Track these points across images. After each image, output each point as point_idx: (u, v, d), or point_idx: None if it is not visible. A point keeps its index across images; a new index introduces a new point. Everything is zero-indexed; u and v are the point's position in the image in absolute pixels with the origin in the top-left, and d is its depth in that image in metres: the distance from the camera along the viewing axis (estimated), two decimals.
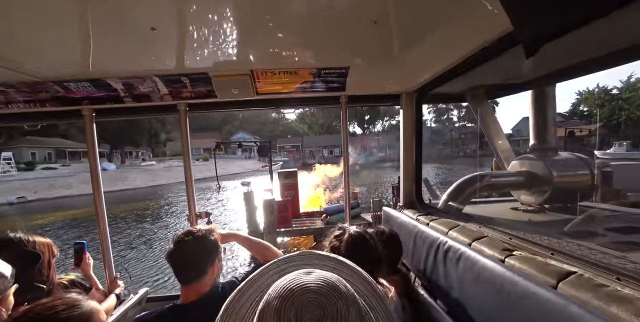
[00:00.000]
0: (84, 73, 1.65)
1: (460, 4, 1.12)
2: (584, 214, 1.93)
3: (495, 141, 2.40)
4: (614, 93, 32.58)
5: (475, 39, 1.27)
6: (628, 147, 20.76)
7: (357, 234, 1.15)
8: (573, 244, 1.22)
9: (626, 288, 0.80)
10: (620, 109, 31.17)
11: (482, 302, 1.04)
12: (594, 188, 2.00)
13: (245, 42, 1.41)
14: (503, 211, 2.19)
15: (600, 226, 1.57)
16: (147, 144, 48.39)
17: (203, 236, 1.21)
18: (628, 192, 7.06)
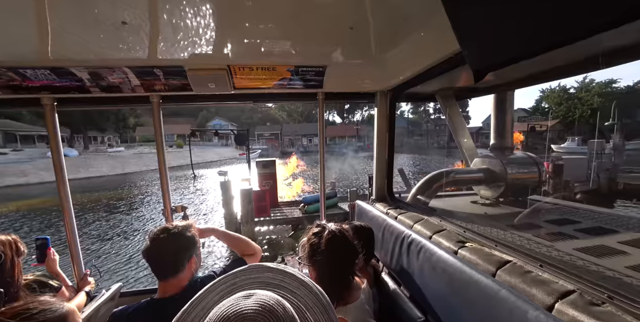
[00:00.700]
0: (43, 60, 1.54)
1: (430, 16, 1.22)
2: (531, 207, 2.18)
3: (461, 140, 2.59)
4: (571, 92, 35.29)
5: (444, 48, 1.36)
6: (579, 142, 22.85)
7: (336, 231, 1.21)
8: (515, 236, 1.41)
9: (545, 273, 0.97)
10: (574, 107, 33.97)
11: (437, 289, 1.18)
12: (540, 184, 2.26)
13: (222, 37, 1.39)
14: (464, 205, 2.41)
15: (542, 218, 1.80)
16: (115, 129, 45.07)
17: (179, 232, 1.23)
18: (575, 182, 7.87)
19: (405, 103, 63.87)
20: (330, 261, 1.17)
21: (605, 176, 10.65)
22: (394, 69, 1.89)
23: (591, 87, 33.55)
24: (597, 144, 11.83)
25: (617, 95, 30.85)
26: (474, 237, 1.32)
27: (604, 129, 24.86)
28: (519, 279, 0.96)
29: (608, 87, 32.93)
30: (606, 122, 24.63)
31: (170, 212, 2.06)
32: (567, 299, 0.83)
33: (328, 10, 1.15)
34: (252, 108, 60.54)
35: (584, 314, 0.77)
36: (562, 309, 0.81)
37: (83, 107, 2.14)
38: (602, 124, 27.62)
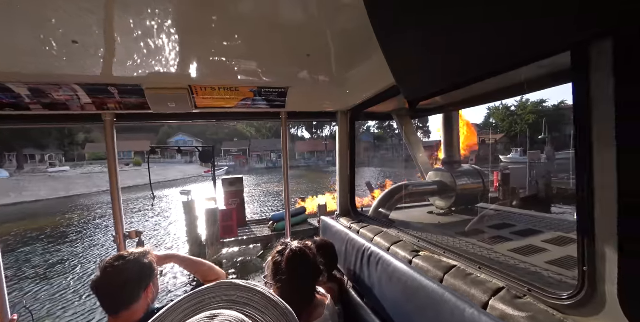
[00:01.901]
0: None
1: (377, 47, 1.36)
2: (480, 214, 2.42)
3: (416, 155, 2.82)
4: (512, 109, 40.20)
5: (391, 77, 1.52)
6: (521, 153, 25.78)
7: (297, 250, 1.24)
8: (462, 242, 1.56)
9: (483, 274, 1.10)
10: (515, 123, 38.66)
11: (394, 298, 1.25)
12: (485, 193, 2.53)
13: (183, 56, 1.41)
14: (421, 215, 2.59)
15: (487, 224, 2.01)
16: (58, 146, 40.39)
17: (135, 259, 1.16)
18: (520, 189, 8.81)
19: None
20: (291, 279, 1.20)
21: (543, 183, 12.08)
22: (353, 91, 2.04)
23: (527, 105, 38.57)
24: (535, 155, 13.49)
25: (546, 113, 35.79)
26: (427, 246, 1.43)
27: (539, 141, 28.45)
28: (462, 282, 1.08)
29: (539, 105, 38.09)
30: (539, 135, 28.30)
31: (123, 239, 1.91)
32: (498, 296, 0.95)
33: (288, 36, 1.24)
34: (219, 123, 58.95)
35: (510, 307, 0.89)
36: (494, 305, 0.93)
37: (21, 125, 1.97)
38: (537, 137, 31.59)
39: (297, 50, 1.41)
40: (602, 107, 0.69)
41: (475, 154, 15.50)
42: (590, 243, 0.75)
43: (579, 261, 0.79)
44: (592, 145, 0.72)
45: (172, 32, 1.12)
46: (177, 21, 1.04)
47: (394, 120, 2.85)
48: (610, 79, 0.66)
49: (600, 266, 0.74)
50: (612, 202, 0.70)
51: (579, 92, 0.73)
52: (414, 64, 0.89)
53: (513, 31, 0.66)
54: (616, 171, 0.68)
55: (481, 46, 0.76)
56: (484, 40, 0.73)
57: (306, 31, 1.20)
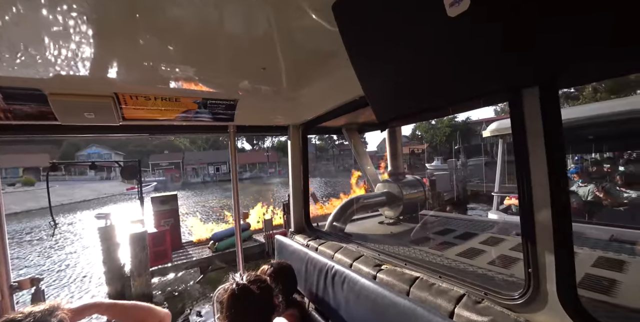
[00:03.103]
0: None
1: (340, 61, 1.38)
2: (420, 221, 2.63)
3: (365, 168, 2.96)
4: (433, 123, 46.67)
5: (352, 90, 1.56)
6: (442, 161, 29.78)
7: (237, 289, 1.10)
8: (416, 251, 1.64)
9: (444, 283, 1.16)
10: (436, 135, 44.98)
11: (363, 317, 1.22)
12: (426, 200, 2.79)
13: (106, 58, 1.14)
14: (373, 226, 2.69)
15: (430, 230, 2.19)
16: None
17: (35, 321, 0.86)
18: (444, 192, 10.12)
19: None
20: (235, 320, 1.07)
21: (460, 186, 14.17)
22: (306, 106, 2.02)
23: (443, 120, 45.31)
24: (453, 162, 15.79)
25: (458, 127, 42.60)
26: (387, 259, 1.46)
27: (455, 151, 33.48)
28: (427, 293, 1.11)
29: (452, 120, 45.17)
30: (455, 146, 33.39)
31: (9, 292, 1.40)
32: (461, 303, 1.00)
33: (239, 46, 1.15)
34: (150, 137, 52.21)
35: (474, 313, 0.95)
36: (460, 313, 0.97)
37: None
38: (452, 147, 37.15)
39: (249, 62, 1.33)
40: (534, 134, 0.83)
41: (406, 163, 17.38)
42: (533, 247, 0.86)
43: (524, 264, 0.89)
44: (528, 160, 0.85)
45: (89, 25, 0.88)
46: (97, 13, 0.84)
47: (343, 134, 2.93)
48: (537, 112, 0.81)
49: (542, 267, 0.85)
50: (547, 207, 0.82)
51: (516, 120, 0.87)
52: (384, 89, 0.92)
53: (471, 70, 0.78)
54: (548, 181, 0.81)
55: (440, 80, 0.87)
56: (440, 75, 0.85)
57: (259, 43, 1.14)
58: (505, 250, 1.62)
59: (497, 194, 4.85)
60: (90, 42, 0.99)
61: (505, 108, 44.92)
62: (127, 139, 50.20)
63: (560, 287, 0.81)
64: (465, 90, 0.86)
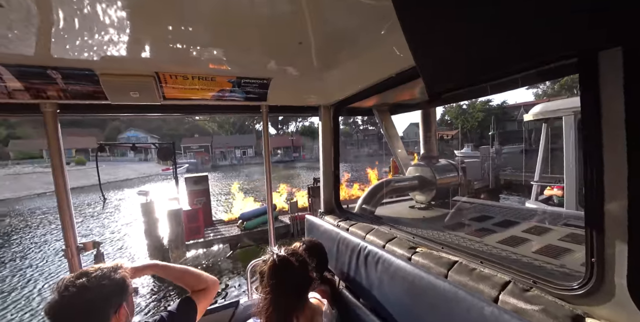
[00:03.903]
0: None
1: (376, 38, 1.32)
2: (453, 207, 2.53)
3: (396, 151, 2.86)
4: (464, 108, 43.79)
5: (387, 68, 1.50)
6: (472, 148, 28.23)
7: (279, 260, 1.15)
8: (454, 237, 1.59)
9: (486, 268, 1.11)
10: (467, 120, 42.26)
11: (397, 298, 1.22)
12: (460, 186, 2.66)
13: (148, 39, 1.19)
14: (403, 210, 2.64)
15: (466, 216, 2.11)
16: None
17: (102, 275, 0.96)
18: (474, 180, 9.67)
19: None
20: (275, 291, 1.12)
21: (493, 175, 13.40)
22: (339, 85, 1.97)
23: (476, 104, 42.31)
24: (485, 149, 14.86)
25: (493, 111, 39.60)
26: (422, 242, 1.43)
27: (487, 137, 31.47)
28: (467, 277, 1.07)
29: (486, 104, 42.02)
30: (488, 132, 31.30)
31: (77, 252, 1.61)
32: (507, 290, 0.96)
33: (278, 23, 1.12)
34: (177, 118, 54.91)
35: (521, 300, 0.90)
36: (505, 299, 0.93)
37: None
38: (486, 134, 34.89)
39: (282, 39, 1.30)
40: (612, 110, 0.72)
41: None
42: (599, 237, 0.78)
43: (587, 253, 0.81)
44: (602, 144, 0.75)
45: (132, 9, 0.93)
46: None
47: (374, 116, 2.84)
48: (617, 82, 0.69)
49: (609, 258, 0.77)
50: (623, 196, 0.72)
51: (588, 93, 0.76)
52: (438, 58, 0.84)
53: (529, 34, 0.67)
54: (627, 167, 0.71)
55: (500, 45, 0.76)
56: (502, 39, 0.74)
57: (293, 19, 1.10)
58: (553, 240, 1.51)
59: (537, 183, 4.51)
60: (136, 26, 1.04)
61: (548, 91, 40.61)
62: (161, 122, 53.20)
63: (632, 280, 0.74)
64: (526, 56, 0.75)
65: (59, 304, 0.89)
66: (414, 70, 1.35)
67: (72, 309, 0.90)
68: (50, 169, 1.73)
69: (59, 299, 0.89)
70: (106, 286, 0.96)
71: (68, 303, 0.90)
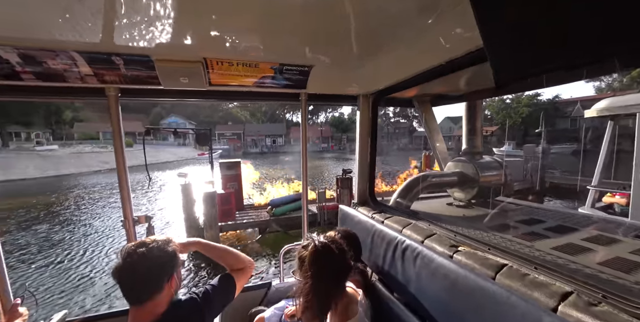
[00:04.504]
0: None
1: (424, 26, 1.24)
2: (497, 208, 2.36)
3: (435, 144, 2.72)
4: (507, 102, 40.18)
5: (432, 58, 1.42)
6: (513, 146, 26.03)
7: (320, 246, 1.16)
8: (499, 238, 1.49)
9: (541, 275, 1.02)
10: (509, 116, 38.80)
11: (436, 295, 1.18)
12: (505, 186, 2.47)
13: (198, 27, 1.24)
14: (441, 207, 2.52)
15: (511, 218, 1.95)
16: (45, 124, 38.73)
17: (159, 247, 1.06)
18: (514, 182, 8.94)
19: None
20: (317, 277, 1.12)
21: (536, 176, 12.29)
22: (380, 74, 1.89)
23: (521, 98, 38.57)
24: (530, 148, 13.61)
25: (542, 106, 35.89)
26: (465, 241, 1.35)
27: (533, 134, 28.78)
28: (519, 283, 0.99)
29: (534, 99, 38.14)
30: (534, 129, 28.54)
31: (133, 224, 1.78)
32: (568, 301, 0.87)
33: (322, 9, 1.09)
34: (212, 106, 57.53)
35: (587, 315, 0.81)
36: (566, 311, 0.85)
37: (10, 98, 1.75)
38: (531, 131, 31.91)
39: (326, 27, 1.26)
40: None
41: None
42: None
43: None
44: None
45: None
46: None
47: (414, 107, 2.70)
48: None
49: None
50: None
51: None
52: (510, 40, 0.74)
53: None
54: None
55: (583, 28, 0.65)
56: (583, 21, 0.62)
57: (339, 7, 1.07)
58: (623, 252, 1.34)
59: (595, 188, 4.03)
60: (187, 13, 1.08)
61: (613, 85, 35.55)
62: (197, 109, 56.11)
63: None
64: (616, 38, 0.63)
65: (123, 268, 1.00)
66: (461, 60, 1.26)
67: (133, 274, 1.00)
68: (104, 150, 1.90)
69: (122, 264, 1.00)
70: (161, 257, 1.05)
71: (130, 268, 1.00)
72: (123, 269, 0.99)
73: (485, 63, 1.23)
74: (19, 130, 36.14)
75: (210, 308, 1.17)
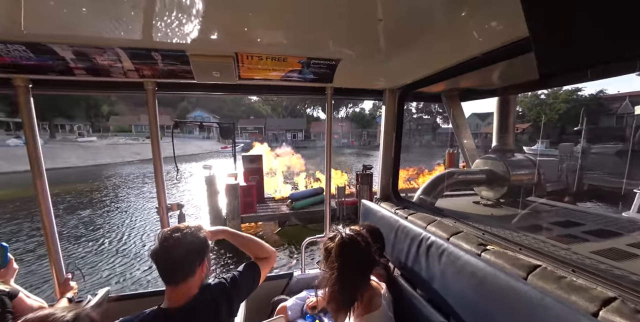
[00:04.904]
0: (16, 34, 1.32)
1: (454, 20, 1.20)
2: (528, 208, 2.25)
3: (462, 140, 2.61)
4: (542, 98, 37.37)
5: (462, 52, 1.38)
6: (547, 145, 24.31)
7: (347, 237, 1.17)
8: (534, 239, 1.42)
9: (580, 279, 0.97)
10: (543, 112, 36.09)
11: (462, 293, 1.16)
12: (539, 186, 2.34)
13: (230, 21, 1.27)
14: (467, 205, 2.44)
15: (544, 219, 1.85)
16: (85, 117, 41.86)
17: (191, 233, 1.13)
18: (548, 182, 8.40)
19: None
20: (343, 268, 1.14)
21: (573, 177, 11.42)
22: (408, 68, 1.85)
23: (559, 94, 35.68)
24: (567, 147, 12.64)
25: (582, 102, 33.05)
26: (494, 240, 1.31)
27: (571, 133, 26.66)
28: (554, 285, 0.95)
29: (574, 94, 35.17)
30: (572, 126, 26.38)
31: (166, 211, 1.90)
32: (611, 307, 0.82)
33: (352, 2, 1.07)
34: (236, 100, 58.95)
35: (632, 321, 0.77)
36: (608, 317, 0.80)
37: (64, 92, 1.91)
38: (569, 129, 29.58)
39: (356, 20, 1.24)
40: None
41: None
42: None
43: None
44: None
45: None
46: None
47: (442, 102, 2.61)
48: None
49: None
50: None
51: None
52: (559, 28, 0.70)
53: None
54: None
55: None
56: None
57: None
58: None
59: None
60: (221, 8, 1.11)
61: None
62: (221, 103, 57.74)
63: None
64: None
65: (160, 252, 1.07)
66: (496, 53, 1.22)
67: (169, 257, 1.07)
68: (135, 141, 2.03)
69: (160, 248, 1.08)
70: (194, 243, 1.12)
71: (167, 252, 1.07)
72: (160, 253, 1.07)
73: (522, 56, 1.17)
74: (64, 123, 39.38)
75: (237, 293, 1.23)
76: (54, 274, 1.79)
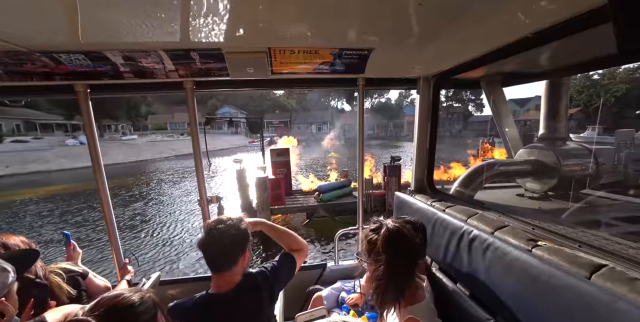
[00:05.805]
0: (75, 44, 1.45)
1: (498, 1, 1.09)
2: (583, 201, 2.05)
3: (504, 129, 2.43)
4: (594, 78, 33.28)
5: (505, 35, 1.27)
6: (600, 132, 21.77)
7: (394, 229, 1.16)
8: (594, 236, 1.30)
9: None
10: (597, 95, 32.14)
11: (512, 290, 1.10)
12: (597, 177, 2.11)
13: (263, 16, 1.27)
14: (510, 198, 2.29)
15: (604, 214, 1.68)
16: (127, 117, 45.51)
17: (234, 224, 1.20)
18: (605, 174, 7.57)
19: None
20: (389, 261, 1.12)
21: (635, 167, 10.16)
22: (446, 54, 1.74)
23: (617, 73, 31.50)
24: (628, 134, 11.20)
25: None
26: (548, 236, 1.22)
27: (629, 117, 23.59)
28: (624, 287, 0.86)
29: (636, 72, 30.91)
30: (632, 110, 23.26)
31: (207, 203, 2.02)
32: None
33: None
34: (262, 95, 60.09)
35: None
36: None
37: (116, 94, 2.08)
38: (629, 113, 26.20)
39: (389, 7, 1.18)
40: None
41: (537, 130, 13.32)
42: None
43: None
44: None
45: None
46: None
47: (481, 88, 2.44)
48: None
49: None
50: None
51: None
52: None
53: None
54: None
55: None
56: None
57: None
58: None
59: None
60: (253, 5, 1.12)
61: None
62: (248, 99, 59.21)
63: None
64: None
65: (206, 242, 1.15)
66: (547, 32, 1.11)
67: (215, 248, 1.15)
68: (171, 138, 2.16)
69: (206, 238, 1.15)
70: (236, 234, 1.18)
71: (213, 242, 1.15)
72: (206, 243, 1.15)
73: (579, 33, 1.05)
74: (110, 123, 43.17)
75: (278, 281, 1.29)
76: (115, 258, 2.01)
